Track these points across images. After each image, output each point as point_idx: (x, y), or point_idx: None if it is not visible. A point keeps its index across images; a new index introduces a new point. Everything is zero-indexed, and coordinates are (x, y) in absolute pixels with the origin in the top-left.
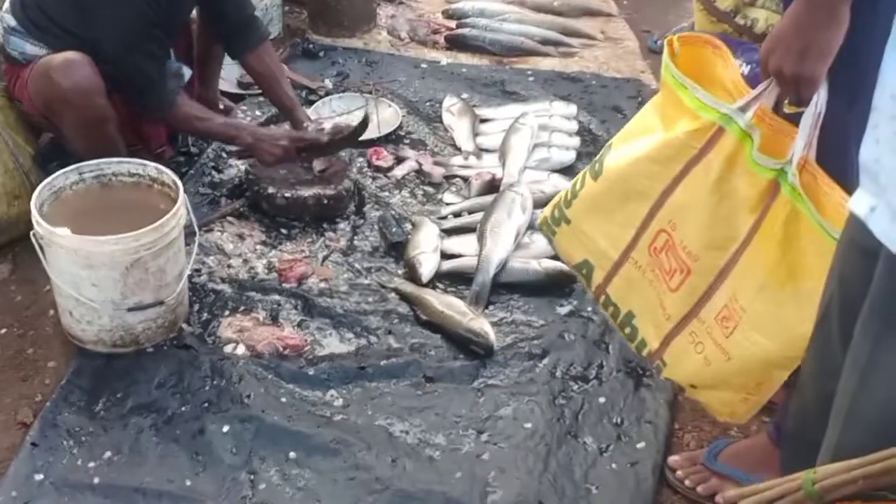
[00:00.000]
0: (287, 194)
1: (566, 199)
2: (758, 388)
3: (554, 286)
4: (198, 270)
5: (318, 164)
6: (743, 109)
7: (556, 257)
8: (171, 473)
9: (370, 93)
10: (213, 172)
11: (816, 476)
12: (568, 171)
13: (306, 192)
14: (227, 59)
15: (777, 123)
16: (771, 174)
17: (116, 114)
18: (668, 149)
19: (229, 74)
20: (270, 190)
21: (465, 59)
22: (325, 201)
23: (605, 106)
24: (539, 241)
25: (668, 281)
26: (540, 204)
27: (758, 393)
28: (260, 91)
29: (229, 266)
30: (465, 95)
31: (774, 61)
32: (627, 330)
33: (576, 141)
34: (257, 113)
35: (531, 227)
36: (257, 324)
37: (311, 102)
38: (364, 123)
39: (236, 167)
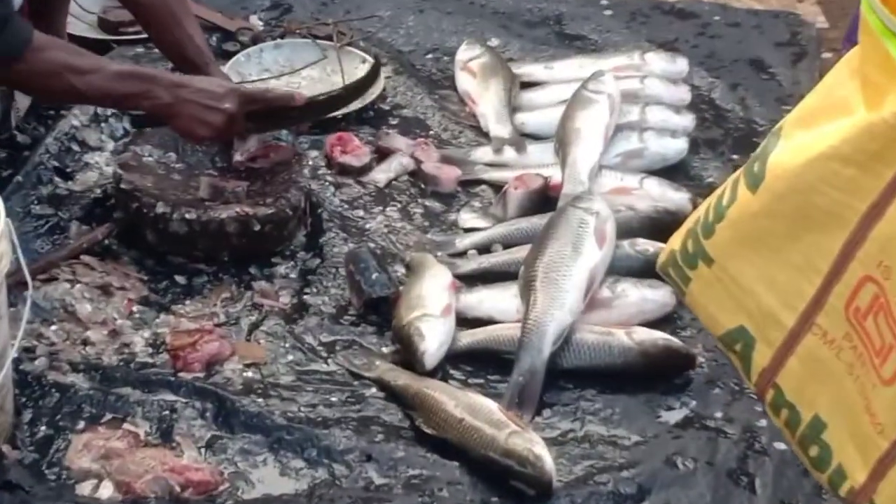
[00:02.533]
0: (190, 215)
1: (706, 223)
2: None
3: (656, 374)
4: (30, 350)
5: (241, 151)
6: None
7: (665, 320)
8: None
9: (330, 38)
10: (58, 178)
11: None
12: (674, 171)
13: (223, 213)
14: None
15: None
16: None
17: None
18: (874, 141)
19: (85, 9)
20: (160, 208)
21: None
22: (256, 227)
23: (737, 60)
24: (629, 294)
25: (880, 367)
26: (628, 230)
27: None
28: (141, 36)
29: (85, 343)
30: (494, 41)
31: None
32: (814, 450)
33: (688, 120)
34: None
35: (613, 270)
36: (135, 444)
37: (229, 56)
38: (374, 73)
39: (98, 168)
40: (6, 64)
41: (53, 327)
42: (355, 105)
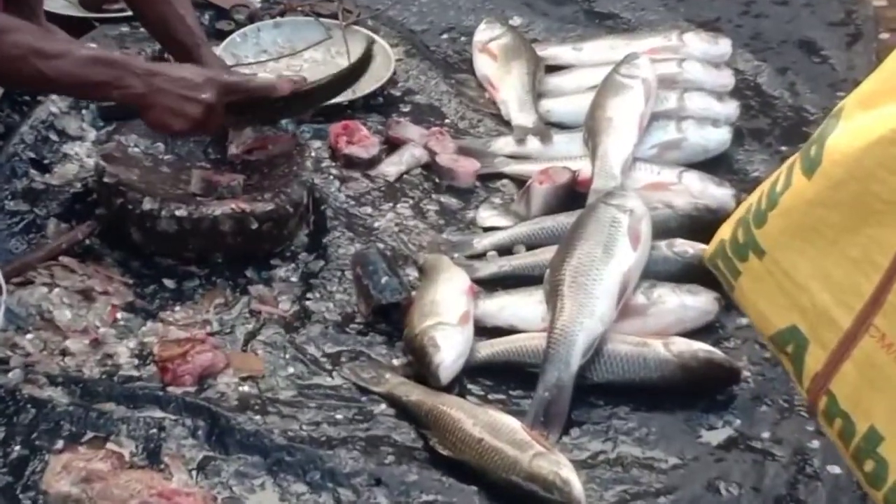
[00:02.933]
0: (180, 212)
1: (758, 211)
2: None
3: (697, 390)
4: (3, 361)
5: (237, 142)
6: None
7: (706, 330)
8: None
9: (335, 17)
10: (34, 170)
11: None
12: (716, 165)
13: (217, 209)
14: None
15: None
16: None
17: None
18: None
19: None
20: (148, 205)
21: None
22: (253, 225)
23: (786, 41)
24: (667, 300)
25: None
26: (665, 230)
27: None
28: (126, 14)
29: (64, 353)
30: (516, 20)
31: None
32: (869, 465)
33: (731, 108)
34: None
35: (649, 274)
36: (119, 466)
37: (223, 36)
38: (366, 59)
39: (78, 160)
40: None
41: (29, 336)
42: (360, 91)
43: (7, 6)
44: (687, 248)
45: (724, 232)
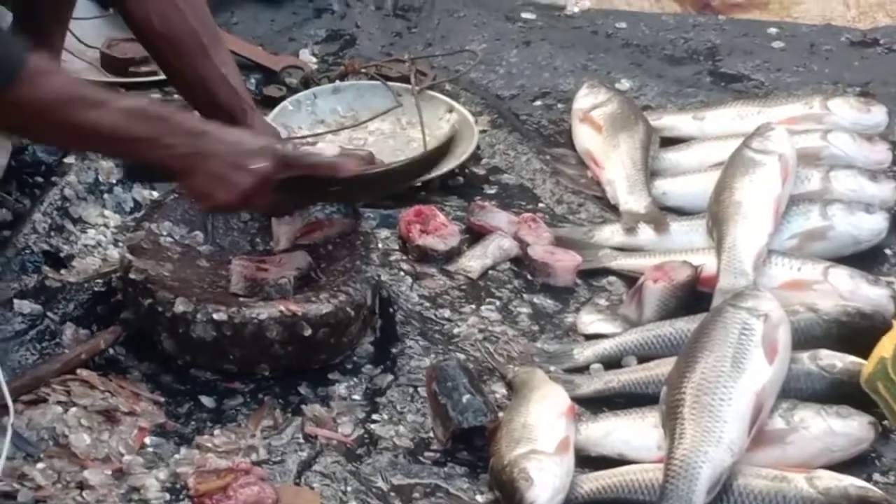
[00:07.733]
0: (219, 315)
1: None
2: None
3: None
4: (10, 496)
5: (284, 235)
6: None
7: (859, 462)
8: None
9: (406, 80)
10: (48, 265)
11: None
12: (871, 259)
13: (263, 312)
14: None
15: None
16: None
17: None
18: None
19: (85, 43)
20: (180, 307)
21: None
22: (307, 331)
23: None
24: (810, 425)
25: None
26: (809, 338)
27: None
28: (157, 78)
29: (82, 486)
30: (624, 83)
31: None
32: None
33: (887, 189)
34: None
35: (789, 392)
36: None
37: (273, 103)
38: (449, 142)
39: (100, 252)
40: (14, 73)
41: (40, 465)
42: (436, 169)
43: None
44: (835, 361)
45: (885, 348)
